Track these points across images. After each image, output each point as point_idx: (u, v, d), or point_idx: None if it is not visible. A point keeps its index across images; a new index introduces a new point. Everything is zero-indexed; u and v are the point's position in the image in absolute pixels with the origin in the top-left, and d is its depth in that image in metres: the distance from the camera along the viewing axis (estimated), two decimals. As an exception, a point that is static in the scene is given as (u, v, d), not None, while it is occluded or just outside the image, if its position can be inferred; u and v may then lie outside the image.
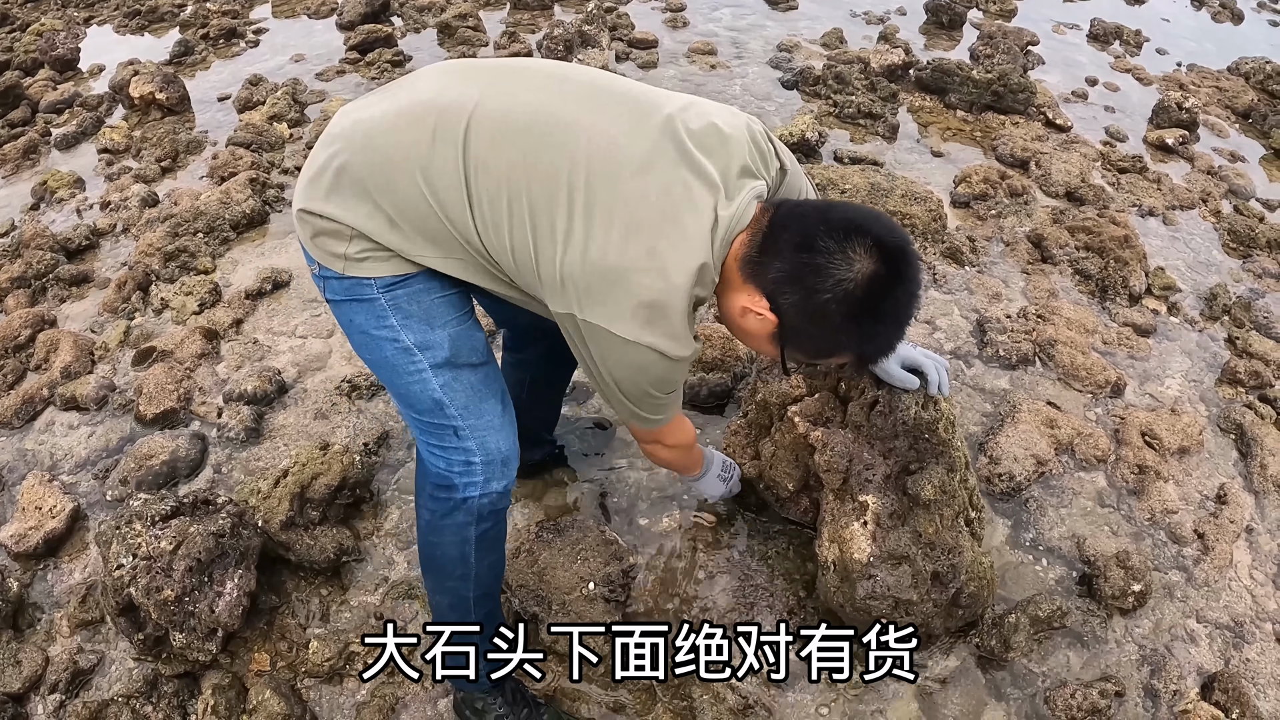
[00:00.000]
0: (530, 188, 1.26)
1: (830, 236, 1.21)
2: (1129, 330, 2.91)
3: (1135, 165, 3.92)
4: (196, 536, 1.95)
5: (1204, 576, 2.18)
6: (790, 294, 1.25)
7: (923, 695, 1.86)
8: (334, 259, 1.38)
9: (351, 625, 2.00)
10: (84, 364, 2.81)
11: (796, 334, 1.31)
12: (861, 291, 1.21)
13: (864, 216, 1.25)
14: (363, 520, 2.23)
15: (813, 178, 3.26)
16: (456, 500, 1.50)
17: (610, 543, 2.02)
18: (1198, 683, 1.95)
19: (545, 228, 1.26)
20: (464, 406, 1.46)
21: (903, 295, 1.26)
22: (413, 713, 1.84)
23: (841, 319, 1.24)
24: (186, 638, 1.90)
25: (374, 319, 1.42)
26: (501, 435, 1.50)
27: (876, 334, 1.32)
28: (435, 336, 1.42)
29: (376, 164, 1.32)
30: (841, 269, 1.20)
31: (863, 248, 1.20)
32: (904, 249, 1.23)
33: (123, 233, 3.45)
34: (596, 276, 1.25)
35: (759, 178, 1.36)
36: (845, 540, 1.76)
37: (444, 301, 1.43)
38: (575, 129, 1.28)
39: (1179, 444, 2.49)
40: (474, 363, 1.47)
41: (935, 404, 1.71)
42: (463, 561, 1.56)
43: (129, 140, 4.11)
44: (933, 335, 2.76)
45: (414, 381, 1.45)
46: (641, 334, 1.27)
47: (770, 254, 1.26)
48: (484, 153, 1.28)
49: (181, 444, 2.43)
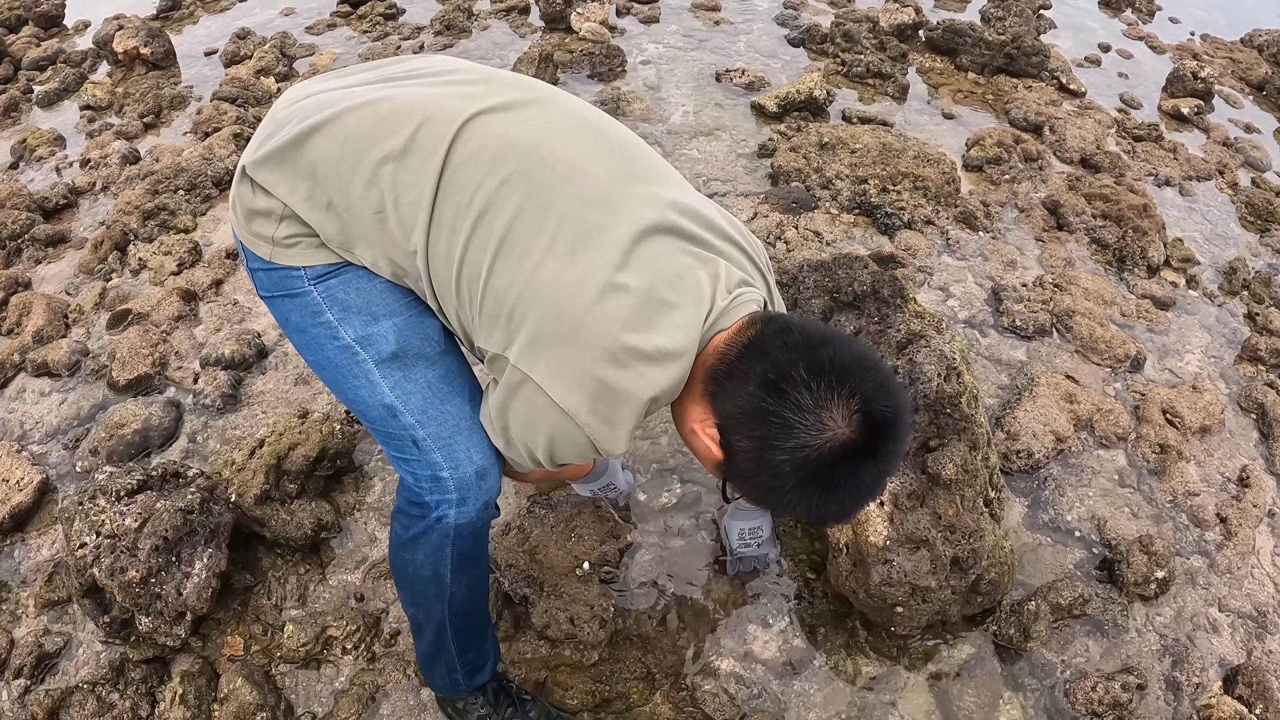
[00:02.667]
0: (511, 207, 1.08)
1: (808, 385, 0.98)
2: (1148, 302, 2.74)
3: (1151, 134, 3.72)
4: (163, 513, 1.78)
5: (1226, 563, 2.03)
6: (745, 438, 1.04)
7: (935, 686, 1.71)
8: (261, 242, 1.19)
9: (330, 607, 1.84)
10: (57, 328, 2.62)
11: (742, 479, 1.09)
12: (825, 461, 0.99)
13: (859, 365, 1.00)
14: (344, 493, 2.06)
15: (820, 137, 3.06)
16: (430, 521, 1.27)
17: (606, 520, 1.86)
18: (1220, 675, 1.81)
19: (513, 249, 1.07)
20: (421, 411, 1.22)
21: (869, 473, 1.02)
22: (393, 702, 1.69)
23: (794, 484, 1.02)
24: (153, 622, 1.74)
25: (308, 315, 1.21)
26: (473, 444, 1.23)
27: (828, 508, 1.06)
28: (379, 329, 1.20)
29: (335, 147, 1.14)
30: (809, 433, 0.98)
31: (844, 409, 0.98)
32: (892, 422, 1.00)
33: (102, 191, 3.24)
34: (557, 320, 1.05)
35: (756, 287, 1.18)
36: (860, 522, 1.60)
37: (388, 287, 1.21)
38: (579, 171, 1.11)
39: (1200, 422, 2.33)
40: (428, 355, 1.23)
41: (959, 376, 1.54)
42: (437, 582, 1.33)
43: (112, 96, 3.88)
44: (946, 303, 2.58)
45: (360, 385, 1.22)
46: (579, 408, 1.06)
47: (736, 381, 1.04)
48: (470, 159, 1.10)
49: (155, 412, 2.25)
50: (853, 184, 2.83)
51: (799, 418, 0.98)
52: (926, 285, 2.62)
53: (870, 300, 1.75)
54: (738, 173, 3.06)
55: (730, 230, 1.21)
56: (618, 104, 3.35)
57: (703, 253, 1.12)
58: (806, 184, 2.87)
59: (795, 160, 2.91)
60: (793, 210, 2.75)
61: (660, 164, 1.23)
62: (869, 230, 2.80)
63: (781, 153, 2.97)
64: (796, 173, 2.89)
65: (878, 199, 2.78)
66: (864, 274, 1.76)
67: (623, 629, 1.75)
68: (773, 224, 2.74)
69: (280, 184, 1.17)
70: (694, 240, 1.13)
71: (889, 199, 2.78)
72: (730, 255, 1.17)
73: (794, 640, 1.76)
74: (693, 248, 1.12)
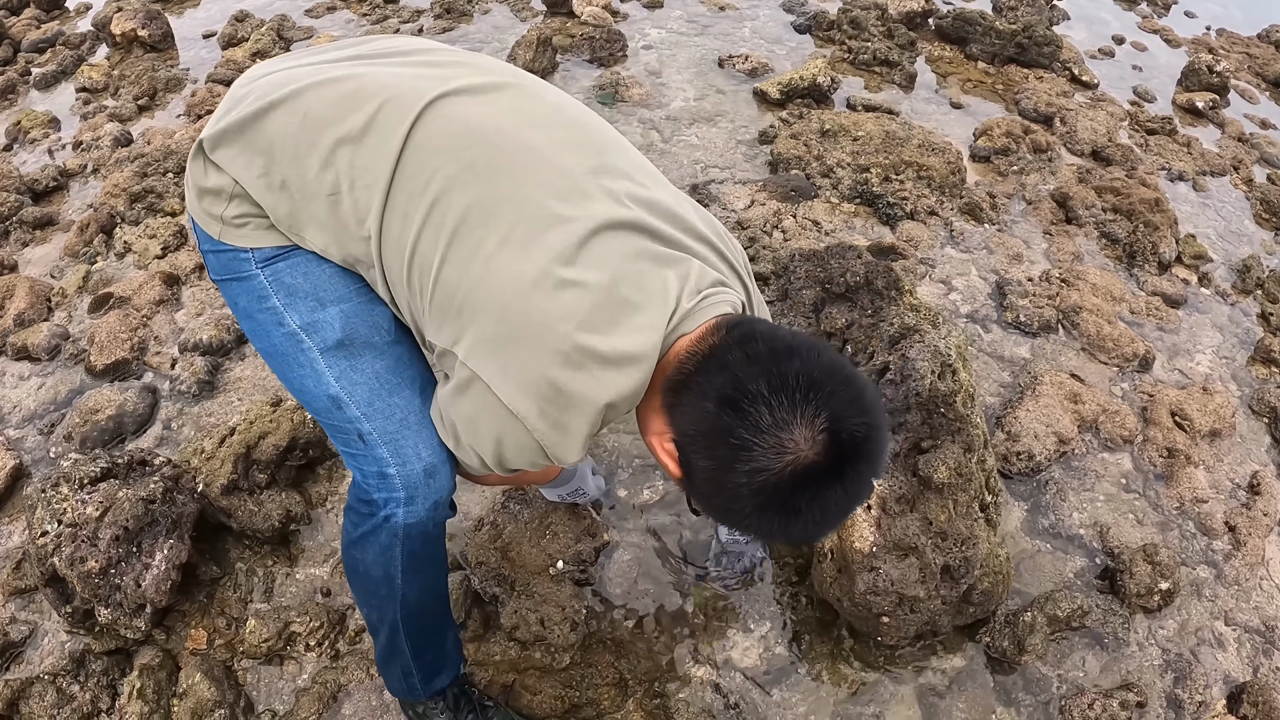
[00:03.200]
0: (468, 196, 1.00)
1: (768, 403, 0.87)
2: (1158, 300, 2.61)
3: (1164, 127, 3.58)
4: (124, 502, 1.70)
5: (1234, 574, 1.92)
6: (701, 457, 0.94)
7: (924, 698, 1.61)
8: (211, 221, 1.12)
9: (296, 602, 1.75)
10: (39, 311, 2.54)
11: (702, 499, 0.99)
12: (786, 487, 0.89)
13: (829, 378, 0.89)
14: (316, 484, 1.97)
15: (822, 124, 2.94)
16: (378, 520, 1.20)
17: (583, 517, 1.76)
18: (1224, 693, 1.70)
19: (468, 238, 0.99)
20: (367, 403, 1.14)
21: (834, 498, 0.91)
22: (355, 701, 1.60)
23: (753, 508, 0.92)
24: (112, 613, 1.66)
25: (255, 299, 1.14)
26: (421, 439, 1.15)
27: (790, 532, 0.95)
28: (325, 315, 1.12)
29: (294, 125, 1.06)
30: (768, 457, 0.88)
31: (808, 429, 0.87)
32: (863, 442, 0.89)
33: (92, 173, 3.16)
34: (507, 317, 0.97)
35: (731, 289, 1.09)
36: (845, 527, 1.49)
37: (337, 273, 1.13)
38: (545, 161, 1.03)
39: (1210, 426, 2.21)
40: (376, 344, 1.15)
41: (954, 374, 1.43)
42: (387, 583, 1.26)
43: (108, 79, 3.80)
44: (948, 296, 2.46)
45: (306, 374, 1.14)
46: (528, 411, 0.98)
47: (694, 395, 0.94)
48: (430, 143, 1.03)
49: (130, 397, 2.18)
50: (854, 172, 2.71)
51: (756, 439, 0.88)
52: (928, 278, 2.50)
53: (863, 292, 1.64)
54: (737, 159, 2.94)
55: (705, 230, 1.12)
56: (616, 89, 3.24)
57: (671, 252, 1.04)
58: (807, 172, 2.75)
59: (796, 147, 2.79)
60: (791, 198, 2.63)
61: (634, 158, 1.14)
62: (870, 220, 2.68)
63: (782, 139, 2.85)
64: (796, 160, 2.77)
65: (880, 188, 2.66)
66: (857, 264, 1.64)
67: (596, 632, 1.66)
68: (770, 212, 2.63)
69: (235, 160, 1.09)
70: (663, 239, 1.04)
71: (891, 188, 2.66)
72: (704, 256, 1.09)
73: (776, 648, 1.66)
74: (661, 247, 1.03)
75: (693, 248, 1.07)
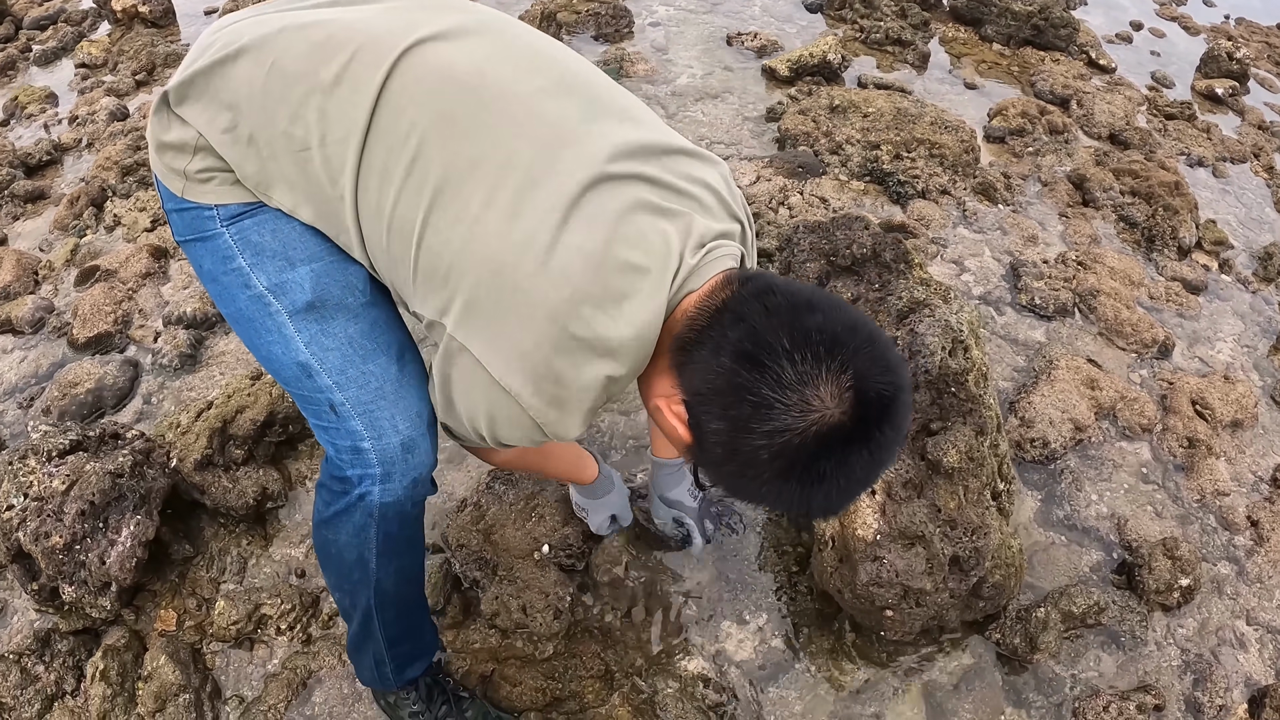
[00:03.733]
0: (449, 152, 0.91)
1: (792, 356, 0.79)
2: (1178, 285, 2.48)
3: (1183, 112, 3.43)
4: (91, 476, 1.61)
5: (1257, 571, 1.79)
6: (716, 419, 0.84)
7: (929, 697, 1.49)
8: (174, 176, 1.03)
9: (269, 583, 1.65)
10: (26, 284, 2.46)
11: (713, 466, 0.89)
12: (809, 448, 0.80)
13: (852, 334, 0.81)
14: (297, 461, 1.87)
15: (831, 101, 2.81)
16: (352, 499, 1.10)
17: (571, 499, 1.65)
18: (1245, 696, 1.58)
19: (450, 201, 0.91)
20: (339, 370, 1.04)
21: (860, 463, 0.82)
22: (326, 689, 1.50)
23: (772, 474, 0.83)
24: (76, 591, 1.57)
25: (220, 260, 1.04)
26: (398, 410, 1.06)
27: (812, 502, 0.86)
28: (294, 275, 1.02)
29: (261, 75, 0.98)
30: (791, 415, 0.79)
31: (834, 385, 0.79)
32: (890, 402, 0.81)
33: (87, 148, 3.08)
34: (497, 286, 0.88)
35: (733, 242, 1.00)
36: (848, 512, 1.38)
37: (308, 230, 1.03)
38: (531, 110, 0.93)
39: (1232, 416, 2.08)
40: (350, 306, 1.04)
41: (966, 351, 1.31)
42: (361, 566, 1.16)
43: (107, 55, 3.72)
44: (960, 277, 2.33)
45: (274, 340, 1.05)
46: (522, 388, 0.90)
47: (708, 350, 0.85)
48: (406, 94, 0.93)
49: (110, 371, 2.08)
50: (864, 149, 2.57)
51: (779, 395, 0.79)
52: (940, 258, 2.37)
53: (870, 265, 1.52)
54: (743, 136, 2.82)
55: (705, 174, 1.01)
56: (620, 64, 3.12)
57: (671, 204, 0.94)
58: (815, 148, 2.62)
59: (804, 123, 2.66)
60: (798, 175, 2.51)
61: (627, 101, 1.03)
62: (880, 199, 2.55)
63: (789, 115, 2.72)
64: (804, 136, 2.64)
65: (890, 166, 2.53)
66: (864, 236, 1.52)
67: (582, 621, 1.55)
68: (776, 189, 2.50)
69: (200, 114, 1.00)
70: (662, 187, 0.95)
71: (902, 166, 2.53)
72: (705, 203, 0.99)
73: (773, 640, 1.55)
74: (659, 198, 0.94)
75: (693, 193, 0.98)
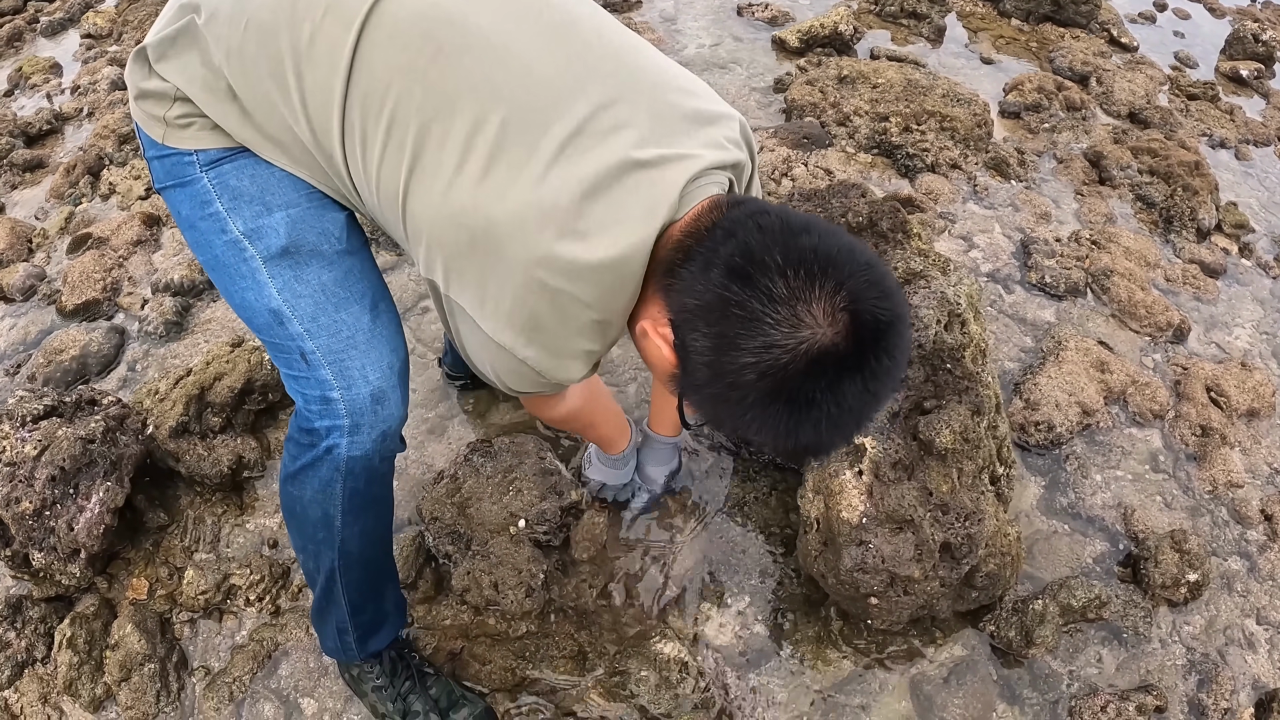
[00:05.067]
0: (423, 109, 0.87)
1: (784, 272, 0.75)
2: (1195, 268, 2.33)
3: (1206, 93, 3.25)
4: (63, 441, 1.54)
5: (1269, 567, 1.67)
6: (702, 336, 0.79)
7: (918, 689, 1.39)
8: (154, 123, 0.99)
9: (240, 553, 1.58)
10: (19, 251, 2.41)
11: (696, 390, 0.83)
12: (799, 369, 0.74)
13: (848, 259, 0.76)
14: (277, 429, 1.79)
15: (840, 71, 2.67)
16: (319, 451, 1.06)
17: (550, 472, 1.56)
18: (1252, 700, 1.47)
19: (426, 165, 0.88)
20: (311, 318, 1.01)
21: (853, 391, 0.76)
22: (293, 662, 1.43)
23: (758, 398, 0.77)
24: (46, 557, 1.50)
25: (198, 206, 1.01)
26: (369, 360, 1.03)
27: (800, 433, 0.79)
28: (270, 220, 1.00)
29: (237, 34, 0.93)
30: (780, 329, 0.74)
31: (827, 304, 0.74)
32: (887, 328, 0.75)
33: (88, 117, 3.02)
34: (473, 245, 0.86)
35: (724, 171, 0.95)
36: (833, 493, 1.27)
37: (288, 176, 1.00)
38: (513, 61, 0.88)
39: (1249, 405, 1.94)
40: (325, 253, 1.01)
41: (963, 325, 1.20)
42: (325, 524, 1.12)
43: (113, 25, 3.65)
44: (968, 253, 2.20)
45: (248, 286, 1.02)
46: (515, 342, 0.90)
47: (697, 267, 0.81)
48: (379, 51, 0.89)
49: (95, 338, 2.02)
50: (872, 121, 2.44)
51: (768, 310, 0.75)
52: (947, 233, 2.24)
53: (867, 234, 1.41)
54: (750, 107, 2.69)
55: (705, 106, 0.95)
56: (625, 35, 3.00)
57: (656, 154, 0.87)
58: (822, 119, 2.49)
59: (811, 94, 2.53)
60: (804, 146, 2.38)
61: (624, 37, 0.96)
62: (887, 171, 2.42)
63: (796, 86, 2.59)
64: (811, 107, 2.51)
65: (899, 138, 2.39)
66: (861, 204, 1.41)
67: (557, 600, 1.46)
68: (779, 159, 2.38)
69: (180, 73, 0.97)
70: (655, 135, 0.89)
71: (911, 139, 2.39)
72: (709, 140, 0.93)
73: (755, 626, 1.46)
74: (644, 153, 0.87)
75: (684, 130, 0.91)
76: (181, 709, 1.41)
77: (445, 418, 1.79)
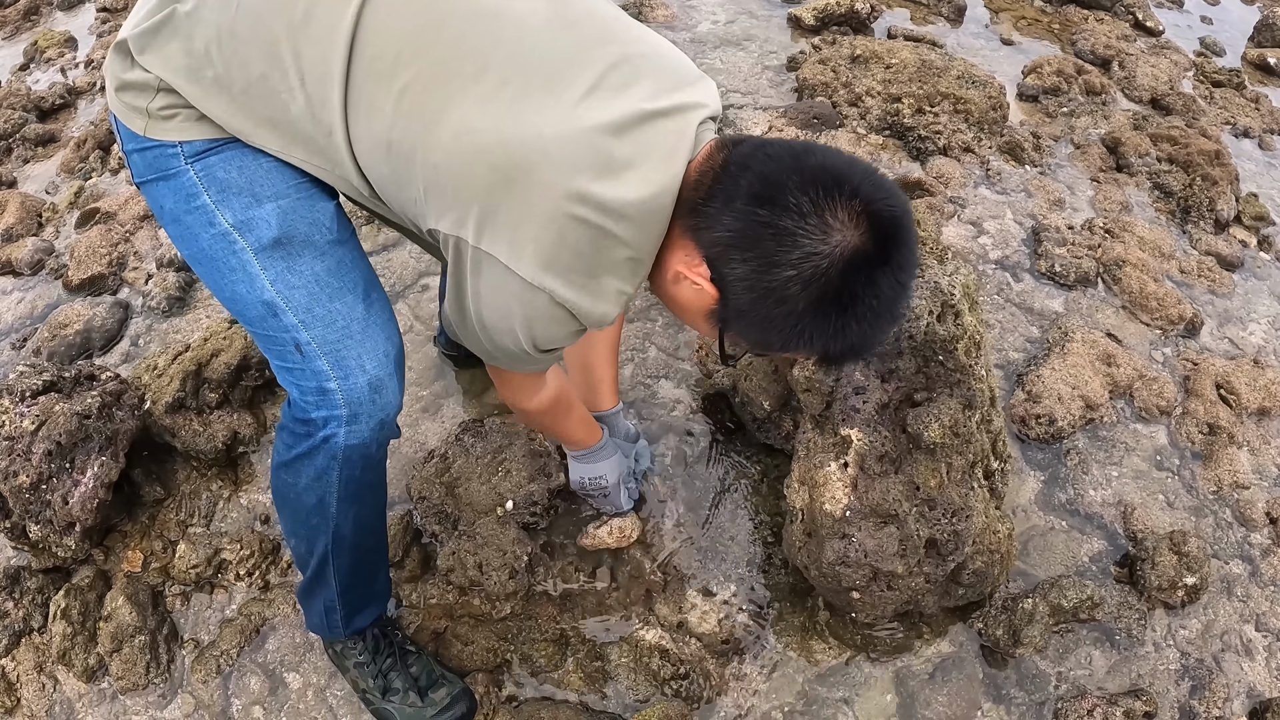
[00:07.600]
0: (439, 67, 0.89)
1: (804, 190, 0.82)
2: (1211, 261, 2.25)
3: (1231, 80, 3.13)
4: (60, 416, 1.54)
5: (1271, 572, 1.62)
6: (740, 263, 0.86)
7: (902, 684, 1.37)
8: (135, 115, 0.98)
9: (233, 528, 1.58)
10: (29, 226, 2.42)
11: (742, 316, 0.90)
12: (837, 273, 0.83)
13: (852, 169, 0.85)
14: (274, 405, 1.79)
15: (853, 51, 2.59)
16: (316, 441, 1.05)
17: (540, 454, 1.54)
18: (1246, 708, 1.43)
19: (447, 119, 0.89)
20: (305, 309, 1.00)
21: (887, 283, 0.85)
22: (280, 637, 1.43)
23: (806, 305, 0.84)
24: (42, 530, 1.51)
25: (183, 199, 1.00)
26: (365, 349, 1.02)
27: (848, 331, 0.86)
28: (261, 212, 0.98)
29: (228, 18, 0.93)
30: (814, 238, 0.82)
31: (846, 212, 0.82)
32: (900, 221, 0.84)
33: (100, 91, 3.01)
34: (508, 187, 0.86)
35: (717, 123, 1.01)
36: (817, 484, 1.24)
37: (276, 166, 0.99)
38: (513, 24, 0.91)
39: (1259, 403, 1.88)
40: (317, 243, 1.01)
41: (957, 316, 1.15)
42: (320, 511, 1.12)
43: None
44: (977, 239, 2.13)
45: (238, 279, 1.01)
46: (554, 283, 0.89)
47: (720, 202, 0.87)
48: (384, 22, 0.90)
49: (99, 312, 2.02)
50: (884, 102, 2.36)
51: (800, 224, 0.82)
52: (957, 218, 2.18)
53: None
54: (761, 85, 2.62)
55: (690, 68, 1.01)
56: (640, 9, 2.94)
57: (672, 101, 0.93)
58: (833, 100, 2.42)
59: (823, 73, 2.45)
60: (813, 127, 2.32)
61: (609, 8, 0.99)
62: (898, 154, 2.35)
63: (808, 65, 2.52)
64: (823, 87, 2.44)
65: (911, 120, 2.32)
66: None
67: (541, 583, 1.45)
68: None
69: (164, 64, 0.95)
70: (659, 81, 0.93)
71: (924, 121, 2.32)
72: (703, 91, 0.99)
73: (739, 615, 1.43)
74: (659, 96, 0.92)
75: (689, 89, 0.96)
76: (170, 680, 1.42)
77: (440, 396, 1.77)
